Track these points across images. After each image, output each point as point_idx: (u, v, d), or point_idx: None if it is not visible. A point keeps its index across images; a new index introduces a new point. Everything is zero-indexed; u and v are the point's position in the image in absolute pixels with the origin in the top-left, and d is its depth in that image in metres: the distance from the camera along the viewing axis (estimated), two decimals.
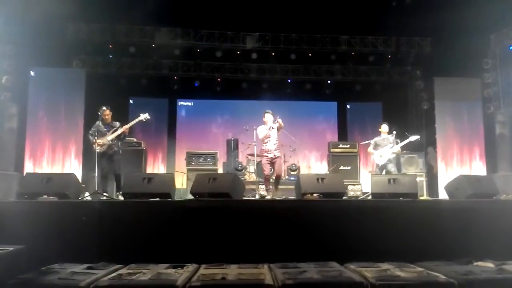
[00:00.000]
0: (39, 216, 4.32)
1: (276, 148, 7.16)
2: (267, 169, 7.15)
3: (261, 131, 7.18)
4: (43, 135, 8.62)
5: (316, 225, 4.38)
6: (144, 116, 6.85)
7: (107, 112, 6.76)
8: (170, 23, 9.27)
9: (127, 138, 7.22)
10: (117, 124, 6.78)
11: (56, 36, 8.51)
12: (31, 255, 3.81)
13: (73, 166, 8.59)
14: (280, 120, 7.01)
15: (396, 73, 10.42)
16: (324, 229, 4.36)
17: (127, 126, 6.76)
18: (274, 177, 7.23)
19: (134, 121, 6.88)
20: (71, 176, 5.61)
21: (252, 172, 8.97)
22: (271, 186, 7.20)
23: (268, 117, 7.16)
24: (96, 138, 6.55)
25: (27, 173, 7.59)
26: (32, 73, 8.70)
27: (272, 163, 7.13)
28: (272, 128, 7.11)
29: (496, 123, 9.10)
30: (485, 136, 9.35)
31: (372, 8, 8.27)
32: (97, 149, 6.58)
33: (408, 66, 10.25)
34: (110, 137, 6.64)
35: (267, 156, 7.13)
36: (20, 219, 4.29)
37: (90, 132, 6.68)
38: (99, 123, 6.73)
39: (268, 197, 6.83)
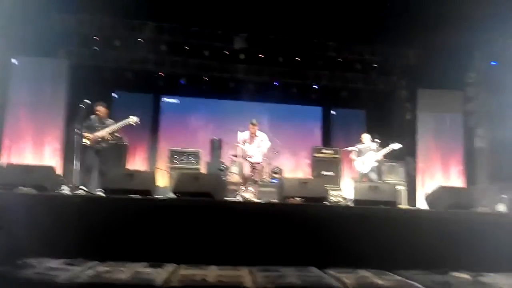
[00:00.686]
0: (15, 208, 4.22)
1: (258, 155, 7.52)
2: (246, 171, 7.46)
3: (240, 136, 7.58)
4: (23, 126, 8.42)
5: (297, 229, 4.39)
6: (134, 120, 6.83)
7: (99, 108, 6.75)
8: (158, 18, 9.17)
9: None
10: (110, 121, 6.80)
11: (40, 25, 8.32)
12: (5, 247, 3.72)
13: (53, 158, 8.41)
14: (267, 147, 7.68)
15: (381, 82, 10.52)
16: (305, 233, 4.37)
17: (116, 126, 6.75)
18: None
19: (123, 123, 6.83)
20: (50, 168, 5.49)
21: (235, 173, 8.94)
22: (249, 188, 7.33)
23: (252, 128, 7.55)
24: (86, 132, 6.54)
25: (6, 164, 7.40)
26: (14, 61, 8.50)
27: (252, 167, 7.44)
28: (256, 136, 7.53)
29: (476, 137, 9.30)
30: (464, 148, 9.54)
31: (361, 17, 8.35)
32: (84, 141, 6.51)
33: (393, 76, 10.37)
34: (100, 133, 6.59)
35: (248, 160, 7.46)
36: None
37: (84, 124, 6.54)
38: (93, 117, 6.70)
39: (247, 196, 7.01)
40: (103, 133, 6.65)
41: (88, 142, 6.53)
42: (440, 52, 8.71)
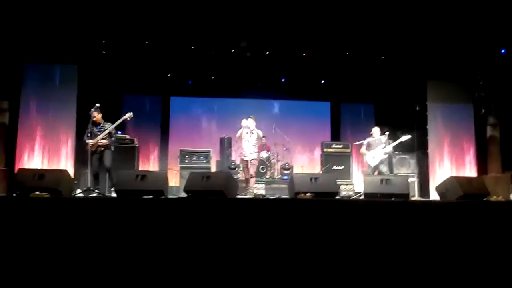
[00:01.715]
0: (30, 212, 4.31)
1: (253, 151, 7.50)
2: (245, 172, 7.58)
3: (239, 131, 7.60)
4: (35, 131, 8.55)
5: (309, 225, 4.41)
6: (128, 115, 7.07)
7: (95, 114, 6.88)
8: (164, 20, 9.22)
9: (119, 135, 7.31)
10: (108, 124, 6.98)
11: (49, 30, 8.43)
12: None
13: (65, 162, 8.52)
14: (259, 133, 7.60)
15: (389, 75, 10.44)
16: (317, 229, 4.39)
17: (112, 126, 6.96)
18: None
19: (119, 121, 7.06)
20: (63, 172, 5.58)
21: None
22: (244, 185, 7.48)
23: (250, 121, 7.50)
24: (89, 139, 6.76)
25: (19, 169, 7.53)
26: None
27: (247, 165, 7.46)
28: (252, 133, 7.41)
29: (487, 125, 9.21)
30: (476, 137, 9.45)
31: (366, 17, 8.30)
32: (88, 149, 6.76)
33: (402, 68, 10.29)
34: (99, 137, 6.76)
35: (242, 158, 7.53)
36: (12, 214, 4.27)
37: (85, 134, 6.81)
38: (90, 125, 6.84)
39: (257, 192, 7.00)
40: (101, 136, 6.81)
41: (90, 148, 6.71)
42: (448, 42, 8.63)
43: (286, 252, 4.12)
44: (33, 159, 8.45)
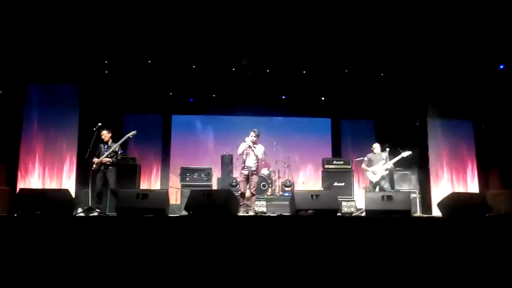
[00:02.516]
0: (32, 232, 4.31)
1: (254, 165, 7.41)
2: (242, 186, 7.41)
3: (241, 146, 7.44)
4: (37, 150, 8.58)
5: (310, 242, 4.39)
6: (131, 133, 7.20)
7: (103, 132, 7.07)
8: (165, 39, 9.34)
9: (121, 154, 7.37)
10: (115, 144, 7.10)
11: (52, 51, 8.54)
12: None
13: (67, 181, 8.53)
14: (261, 152, 7.47)
15: (389, 91, 10.50)
16: (318, 246, 4.37)
17: (116, 145, 7.08)
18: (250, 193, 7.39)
19: (122, 140, 7.17)
20: (65, 191, 5.60)
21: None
22: (246, 202, 7.27)
23: (251, 135, 7.44)
24: (94, 157, 6.95)
25: (20, 189, 7.54)
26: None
27: (247, 180, 7.33)
28: (254, 147, 7.26)
29: (488, 141, 9.22)
30: (477, 153, 9.44)
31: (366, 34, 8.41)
32: (93, 167, 6.91)
33: (401, 84, 10.35)
34: (104, 155, 6.83)
35: (243, 173, 7.38)
36: (13, 234, 4.27)
37: (94, 153, 7.01)
38: (101, 145, 7.10)
39: (241, 213, 6.88)
40: (105, 155, 6.88)
41: (94, 167, 6.78)
42: (448, 58, 8.72)
43: (287, 269, 4.10)
44: (34, 178, 8.46)
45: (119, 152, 7.16)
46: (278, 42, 8.87)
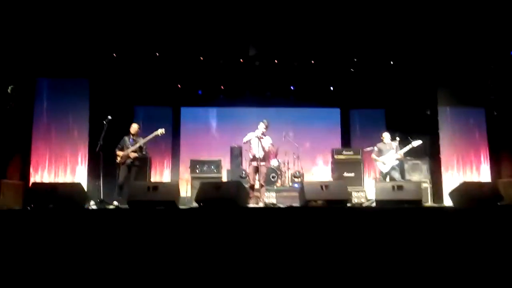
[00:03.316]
0: (46, 225, 4.37)
1: (263, 156, 7.40)
2: (252, 178, 7.36)
3: (248, 135, 7.49)
4: (49, 145, 8.66)
5: (320, 232, 4.40)
6: (160, 131, 7.39)
7: (133, 125, 7.44)
8: (173, 31, 9.32)
9: (146, 149, 7.56)
10: (140, 138, 7.37)
11: (61, 44, 8.57)
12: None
13: (79, 175, 8.62)
14: (268, 144, 7.46)
15: (399, 80, 10.39)
16: (328, 237, 4.37)
17: (144, 141, 7.33)
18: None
19: (151, 136, 7.40)
20: (77, 185, 5.65)
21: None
22: (256, 194, 7.29)
23: (261, 126, 7.44)
24: (119, 150, 7.30)
25: (33, 183, 7.64)
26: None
27: (257, 171, 7.32)
28: (262, 138, 7.24)
29: (500, 130, 9.09)
30: (489, 141, 9.33)
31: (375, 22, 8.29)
32: (118, 160, 7.21)
33: (411, 72, 10.22)
34: (130, 149, 6.95)
35: (252, 164, 7.34)
36: (27, 228, 4.34)
37: (119, 145, 7.36)
38: (126, 137, 7.39)
39: (251, 205, 6.91)
40: (132, 149, 6.99)
41: (119, 160, 6.91)
42: (458, 45, 8.58)
43: (298, 260, 4.11)
44: (47, 172, 8.55)
45: (144, 147, 7.30)
46: (285, 32, 8.81)
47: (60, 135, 8.72)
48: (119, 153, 7.07)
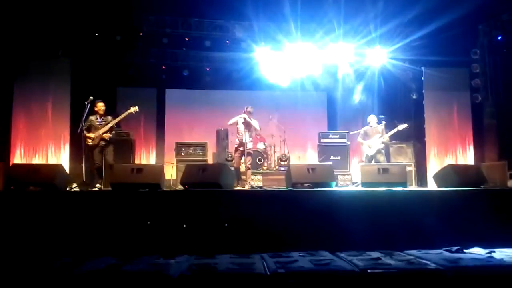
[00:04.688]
0: (26, 207, 4.27)
1: (250, 141, 7.47)
2: (237, 161, 7.50)
3: (233, 118, 7.54)
4: (30, 126, 8.45)
5: (307, 214, 4.40)
6: (133, 109, 6.99)
7: (100, 104, 6.87)
8: (158, 11, 9.10)
9: (116, 129, 7.22)
10: (109, 118, 6.93)
11: (42, 25, 8.31)
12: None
13: (61, 157, 8.44)
14: (257, 124, 7.51)
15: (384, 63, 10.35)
16: (315, 218, 4.37)
17: (117, 120, 6.91)
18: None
19: (124, 114, 7.00)
20: (58, 166, 5.53)
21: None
22: (242, 177, 7.36)
23: (248, 112, 7.49)
24: (87, 131, 6.70)
25: (13, 164, 7.47)
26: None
27: (242, 155, 7.38)
28: (250, 120, 7.37)
29: (484, 113, 9.19)
30: (473, 125, 9.42)
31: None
32: (89, 142, 6.72)
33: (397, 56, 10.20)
34: (102, 130, 6.68)
35: (239, 149, 7.49)
36: (7, 210, 4.24)
37: (83, 125, 6.63)
38: (92, 117, 6.83)
39: (237, 187, 6.88)
40: (104, 129, 6.73)
41: (91, 142, 6.65)
42: (443, 29, 8.55)
43: (285, 242, 4.10)
44: (27, 154, 8.36)
45: (115, 127, 7.03)
46: (272, 12, 8.67)
47: (41, 116, 8.50)
48: (90, 135, 6.67)
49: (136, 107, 6.99)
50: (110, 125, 6.83)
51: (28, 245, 4.03)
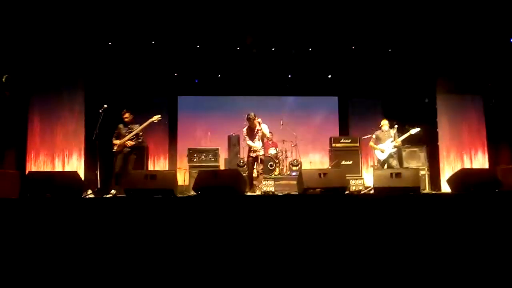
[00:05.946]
0: (43, 214, 4.34)
1: (261, 147, 7.45)
2: (250, 167, 7.48)
3: (247, 141, 7.51)
4: (45, 134, 8.60)
5: (318, 220, 4.39)
6: (156, 117, 7.27)
7: (126, 114, 7.26)
8: (169, 19, 9.20)
9: (142, 137, 7.46)
10: (135, 126, 7.26)
11: (55, 37, 8.47)
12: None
13: (76, 164, 8.57)
14: (265, 130, 7.44)
15: (398, 68, 10.31)
16: (326, 224, 4.37)
17: (140, 128, 7.22)
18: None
19: (147, 123, 7.27)
20: (74, 174, 5.62)
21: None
22: (254, 182, 7.35)
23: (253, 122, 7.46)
24: (115, 138, 7.21)
25: (29, 172, 7.59)
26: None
27: (254, 162, 7.38)
28: (259, 129, 7.39)
29: (498, 117, 9.09)
30: (487, 129, 9.32)
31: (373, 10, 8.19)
32: (114, 148, 7.13)
33: (410, 60, 10.15)
34: (127, 138, 6.94)
35: (250, 156, 7.45)
36: (24, 217, 4.31)
37: (114, 132, 7.26)
38: (121, 125, 7.27)
39: (267, 189, 6.94)
40: (128, 137, 6.96)
41: (116, 148, 6.88)
42: (456, 33, 8.52)
43: (296, 249, 4.10)
44: (43, 162, 8.50)
45: (141, 134, 7.26)
46: (283, 19, 8.70)
47: (56, 124, 8.66)
48: (116, 141, 7.04)
49: (159, 116, 7.26)
50: (134, 133, 7.10)
51: (45, 251, 4.09)
